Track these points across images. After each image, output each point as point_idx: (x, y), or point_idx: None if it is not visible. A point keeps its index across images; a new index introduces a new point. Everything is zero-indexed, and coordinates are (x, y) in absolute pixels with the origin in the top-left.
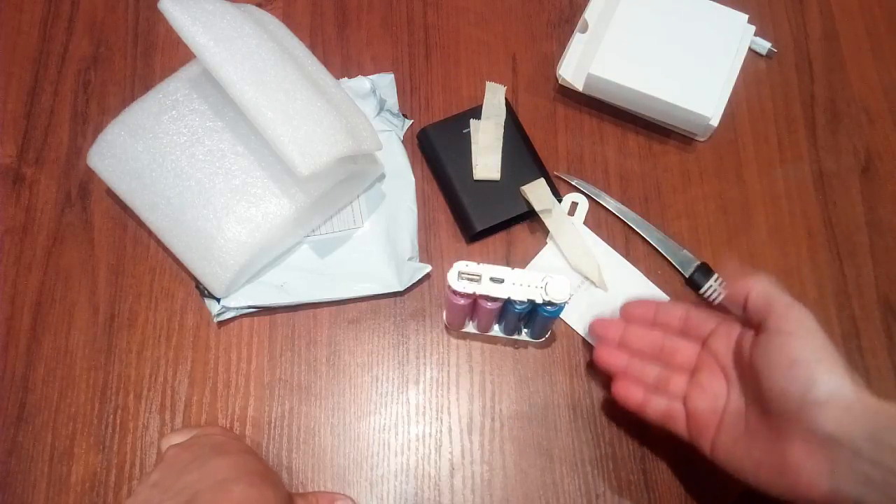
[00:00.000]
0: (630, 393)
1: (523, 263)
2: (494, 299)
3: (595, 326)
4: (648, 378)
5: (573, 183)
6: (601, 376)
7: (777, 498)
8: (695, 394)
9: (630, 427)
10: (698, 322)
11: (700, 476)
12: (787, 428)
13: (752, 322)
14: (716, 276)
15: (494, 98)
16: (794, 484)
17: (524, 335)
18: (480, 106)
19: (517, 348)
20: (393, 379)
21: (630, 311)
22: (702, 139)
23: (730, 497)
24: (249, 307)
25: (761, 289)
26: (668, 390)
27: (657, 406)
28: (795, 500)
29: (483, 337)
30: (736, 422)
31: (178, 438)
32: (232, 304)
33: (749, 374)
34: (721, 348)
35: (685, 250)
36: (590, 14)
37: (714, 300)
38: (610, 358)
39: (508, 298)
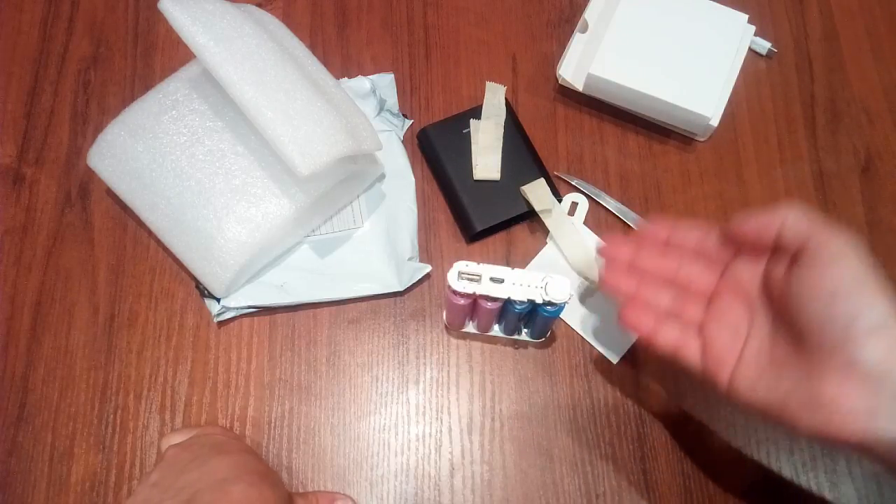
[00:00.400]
0: (640, 320)
1: (523, 263)
2: (494, 299)
3: (605, 247)
4: (660, 304)
5: (573, 183)
6: (601, 376)
7: (803, 435)
8: (713, 322)
9: (630, 427)
10: (718, 245)
11: (700, 476)
12: (824, 361)
13: (787, 250)
14: None
15: (494, 98)
16: (826, 421)
17: (524, 335)
18: (480, 106)
19: (517, 348)
20: (393, 379)
21: (643, 231)
22: (702, 139)
23: (731, 497)
24: (249, 307)
25: (798, 217)
26: (682, 318)
27: (669, 335)
28: (825, 439)
29: (483, 337)
30: (759, 354)
31: (177, 438)
32: (232, 304)
33: (782, 304)
34: (745, 275)
35: None
36: (590, 14)
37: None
38: (619, 281)
39: (508, 298)
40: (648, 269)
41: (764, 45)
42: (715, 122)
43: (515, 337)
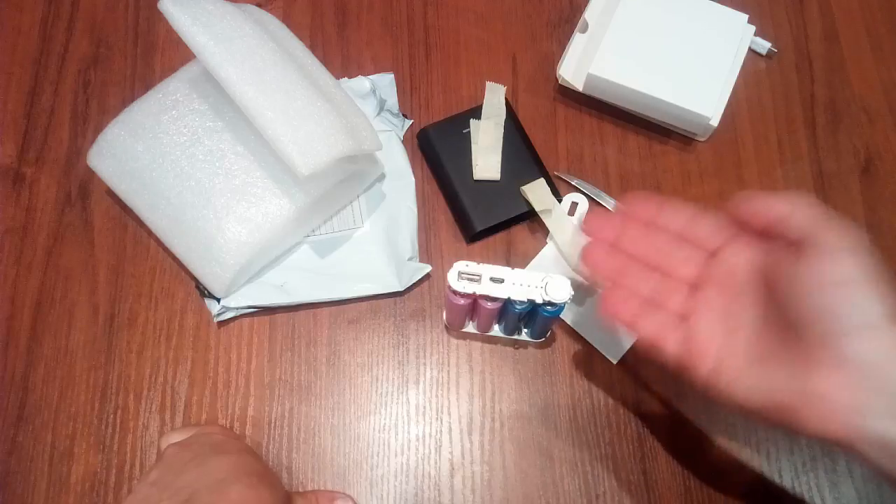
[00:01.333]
0: (621, 307)
1: (523, 263)
2: (494, 299)
3: (588, 222)
4: (644, 289)
5: (573, 183)
6: (601, 376)
7: (787, 430)
8: (699, 311)
9: (630, 427)
10: (710, 230)
11: (700, 476)
12: (815, 354)
13: (788, 238)
14: None
15: (494, 98)
16: (811, 416)
17: (524, 335)
18: (480, 106)
19: (517, 348)
20: (393, 379)
21: (630, 208)
22: (702, 139)
23: (731, 497)
24: (249, 307)
25: (807, 205)
26: (666, 305)
27: (652, 323)
28: (809, 435)
29: (483, 337)
30: (747, 346)
31: (177, 437)
32: (232, 304)
33: (776, 295)
34: (737, 262)
35: None
36: (590, 14)
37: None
38: (601, 260)
39: (508, 298)
40: (633, 249)
41: (764, 45)
42: (715, 122)
43: (515, 337)
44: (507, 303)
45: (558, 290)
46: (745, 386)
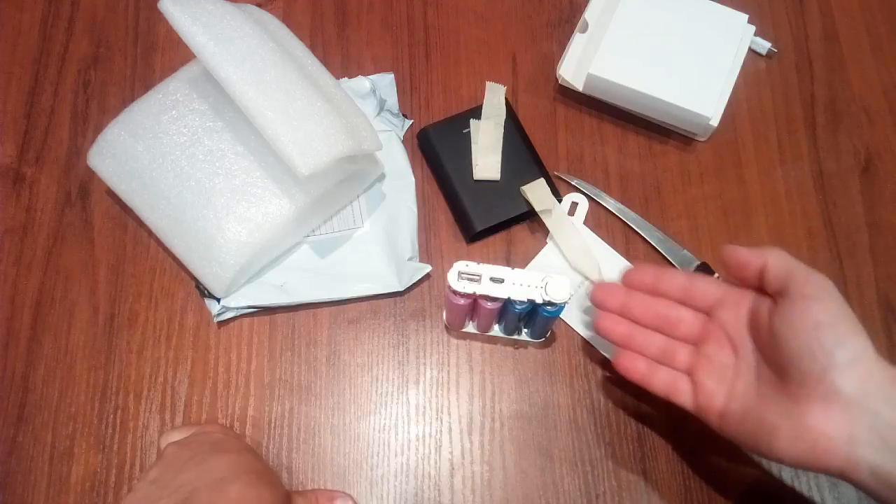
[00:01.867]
0: (634, 366)
1: (523, 263)
2: (494, 299)
3: (596, 293)
4: (652, 349)
5: (573, 183)
6: (601, 376)
7: (791, 464)
8: (702, 366)
9: (630, 427)
10: (702, 291)
11: (700, 476)
12: (806, 392)
13: (770, 290)
14: (716, 275)
15: (494, 98)
16: (811, 449)
17: (524, 335)
18: (480, 106)
19: (517, 348)
20: (393, 379)
21: (631, 278)
22: (702, 139)
23: (731, 497)
24: (249, 307)
25: (779, 257)
26: (673, 362)
27: (662, 379)
28: (811, 467)
29: (483, 337)
30: (746, 392)
31: (177, 436)
32: (232, 304)
33: (766, 342)
34: (730, 318)
35: (685, 250)
36: (590, 14)
37: (717, 276)
38: (612, 327)
39: (508, 298)
40: (638, 315)
41: (764, 45)
42: (715, 122)
43: (515, 337)
44: (507, 303)
45: (558, 290)
46: (748, 427)
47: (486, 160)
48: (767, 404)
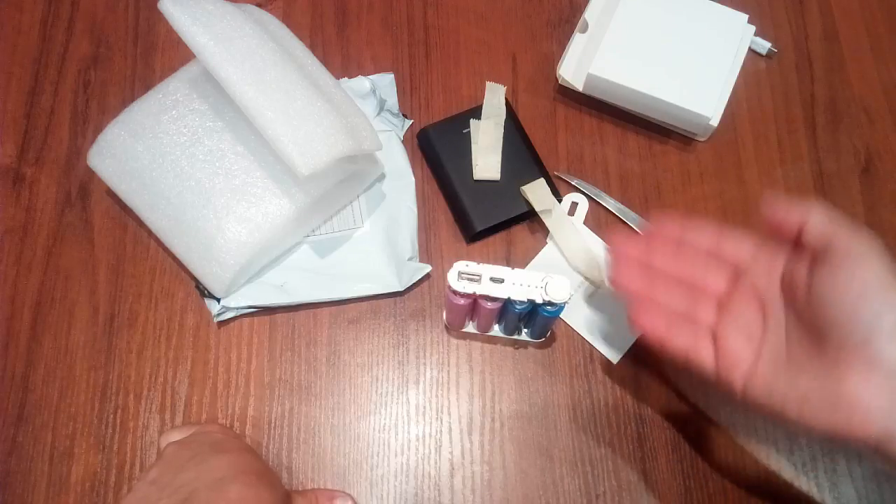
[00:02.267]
0: (652, 322)
1: (523, 263)
2: (494, 299)
3: (615, 241)
4: (672, 305)
5: (573, 183)
6: (601, 376)
7: (821, 435)
8: (727, 325)
9: (630, 427)
10: (734, 247)
11: (700, 476)
12: (845, 360)
13: (810, 248)
14: None
15: (494, 98)
16: (845, 419)
17: (524, 335)
18: (480, 106)
19: (517, 348)
20: (393, 379)
21: (653, 230)
22: (702, 139)
23: (731, 497)
24: (249, 307)
25: (822, 215)
26: (695, 321)
27: (682, 338)
28: (843, 439)
29: (483, 337)
30: (776, 356)
31: (177, 435)
32: (232, 304)
33: (802, 303)
34: (761, 276)
35: None
36: (590, 14)
37: None
38: (629, 279)
39: (508, 298)
40: (659, 268)
41: (764, 45)
42: (715, 122)
43: (515, 337)
44: (507, 303)
45: (558, 290)
46: (777, 395)
47: (486, 160)
48: (799, 369)
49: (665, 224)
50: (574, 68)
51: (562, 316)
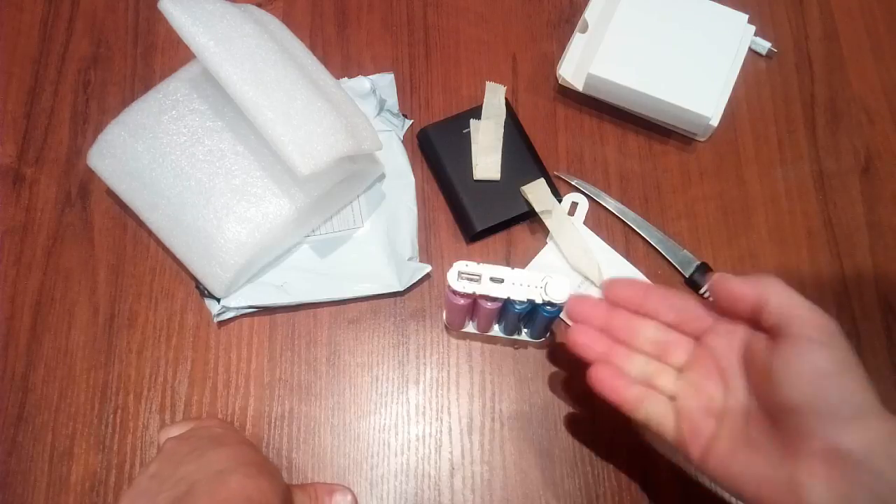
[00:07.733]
0: (610, 381)
1: (523, 263)
2: (494, 299)
3: (574, 307)
4: (633, 371)
5: (573, 183)
6: None
7: None
8: (687, 395)
9: (630, 427)
10: (694, 316)
11: (700, 476)
12: (802, 446)
13: (766, 326)
14: (705, 292)
15: (494, 98)
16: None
17: (524, 335)
18: (480, 106)
19: (517, 348)
20: (393, 379)
21: (615, 293)
22: (702, 139)
23: (731, 497)
24: (249, 307)
25: (779, 292)
26: (655, 386)
27: (642, 403)
28: None
29: (483, 337)
30: (734, 432)
31: (176, 430)
32: (232, 304)
33: (761, 381)
34: (721, 348)
35: (685, 250)
36: (590, 14)
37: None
38: (588, 341)
39: (508, 298)
40: (620, 334)
41: (764, 45)
42: (715, 122)
43: (515, 337)
44: (507, 303)
45: (558, 290)
46: (732, 471)
47: (486, 160)
48: (756, 450)
49: (626, 289)
50: (574, 68)
51: (562, 316)
